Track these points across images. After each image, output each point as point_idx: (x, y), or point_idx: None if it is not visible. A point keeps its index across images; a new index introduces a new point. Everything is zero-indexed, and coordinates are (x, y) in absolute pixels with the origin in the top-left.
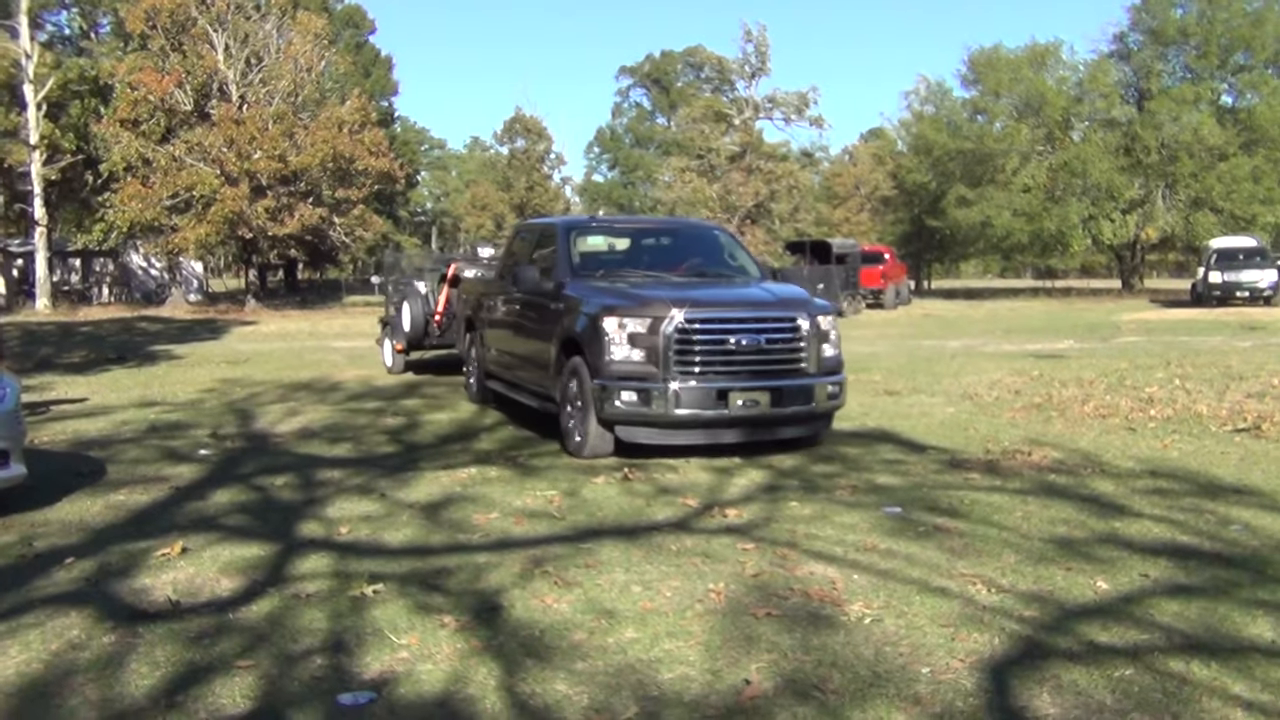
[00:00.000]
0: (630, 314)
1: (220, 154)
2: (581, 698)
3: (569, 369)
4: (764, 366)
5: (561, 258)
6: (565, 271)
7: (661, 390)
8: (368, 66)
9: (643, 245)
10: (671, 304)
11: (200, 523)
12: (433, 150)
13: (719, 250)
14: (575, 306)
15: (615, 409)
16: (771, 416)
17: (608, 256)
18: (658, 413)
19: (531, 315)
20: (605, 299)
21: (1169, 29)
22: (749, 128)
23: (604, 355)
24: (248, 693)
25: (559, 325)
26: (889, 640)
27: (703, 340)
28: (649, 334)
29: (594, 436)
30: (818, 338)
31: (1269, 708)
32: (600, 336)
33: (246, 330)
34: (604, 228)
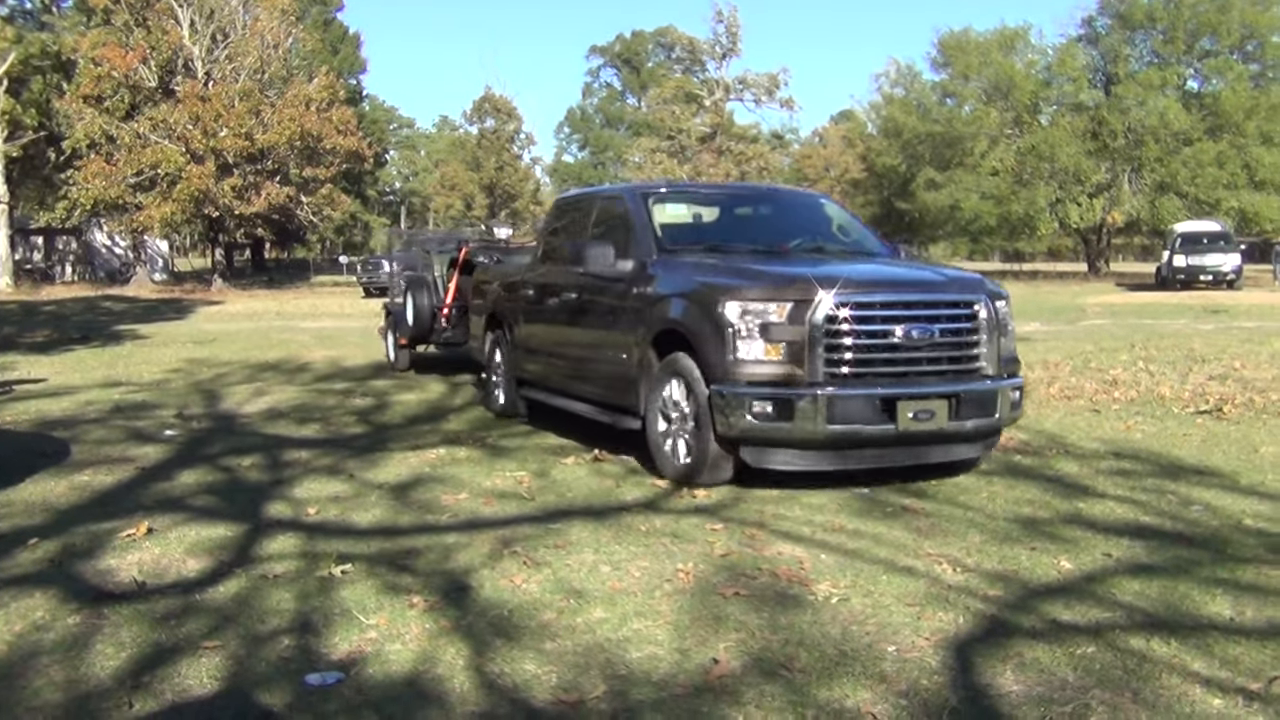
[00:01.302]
0: (762, 297)
1: (186, 131)
2: (550, 677)
3: (664, 371)
4: (938, 366)
5: (640, 231)
6: (648, 248)
7: (809, 399)
8: (335, 44)
9: (736, 216)
10: (818, 283)
11: (166, 503)
12: (401, 129)
13: (828, 222)
14: (673, 290)
15: (744, 424)
16: (949, 432)
17: (694, 230)
18: (803, 429)
19: (598, 305)
20: (722, 278)
21: (1137, 13)
22: (719, 109)
23: (727, 353)
24: (214, 673)
25: (646, 315)
26: (855, 619)
27: (863, 331)
28: (790, 324)
29: (710, 460)
30: (998, 329)
31: (1226, 684)
32: (720, 328)
33: (213, 310)
34: (687, 194)
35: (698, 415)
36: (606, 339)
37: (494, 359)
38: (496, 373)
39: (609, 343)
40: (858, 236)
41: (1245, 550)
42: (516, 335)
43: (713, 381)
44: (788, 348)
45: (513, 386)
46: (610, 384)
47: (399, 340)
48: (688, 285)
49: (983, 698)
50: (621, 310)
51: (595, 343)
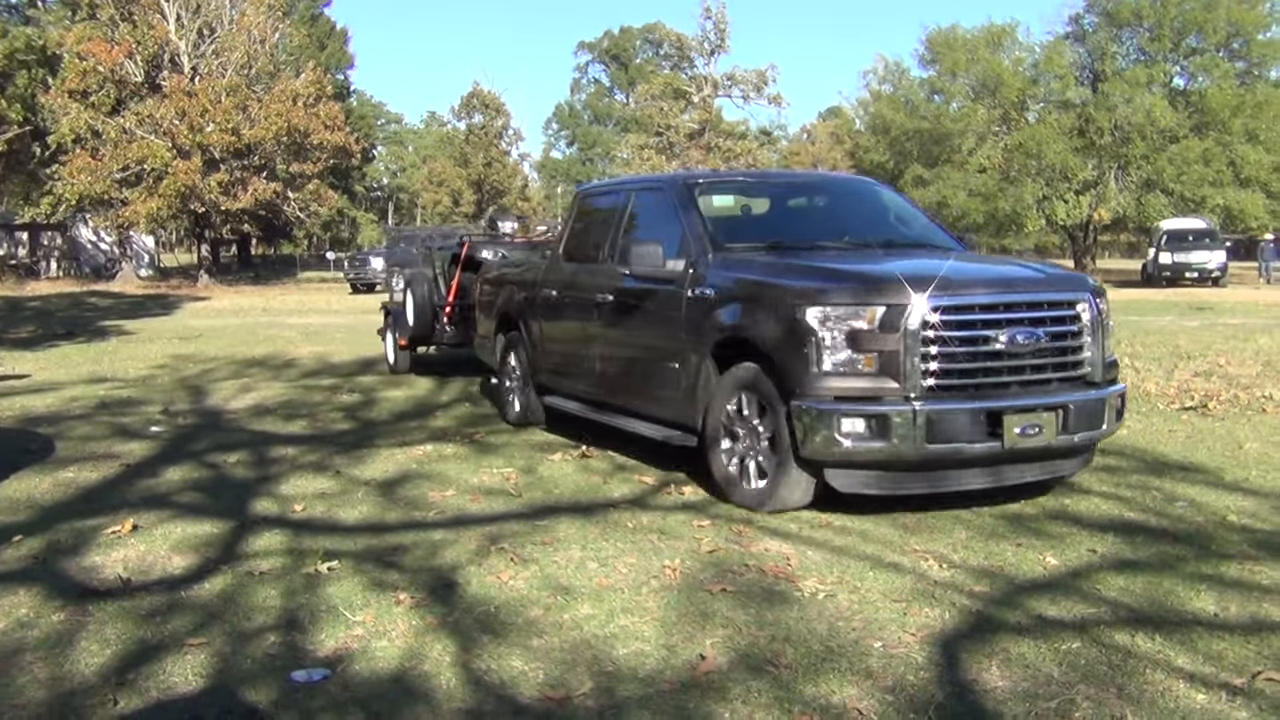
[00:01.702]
0: (849, 301)
1: (172, 126)
2: (537, 674)
3: (729, 384)
4: (1043, 375)
5: (691, 226)
6: (701, 245)
7: (907, 414)
8: (323, 39)
9: (790, 208)
10: (911, 284)
11: (152, 500)
12: (389, 125)
13: (888, 212)
14: (737, 294)
15: (833, 444)
16: (1057, 448)
17: (747, 224)
18: (899, 448)
19: (642, 309)
20: (799, 280)
21: (1124, 11)
22: (708, 105)
23: (810, 364)
24: (200, 670)
25: (705, 321)
26: (842, 615)
27: (963, 337)
28: (881, 330)
29: (790, 483)
30: (1102, 331)
31: (1210, 679)
32: (800, 336)
33: (199, 306)
34: (736, 184)
35: (774, 434)
36: (654, 346)
37: (507, 363)
38: (511, 378)
39: (657, 351)
40: (921, 228)
41: (1230, 546)
42: (536, 339)
43: (793, 396)
44: (880, 357)
45: (531, 393)
46: (659, 396)
47: (399, 341)
48: (755, 288)
49: (968, 693)
50: (672, 315)
51: (639, 351)
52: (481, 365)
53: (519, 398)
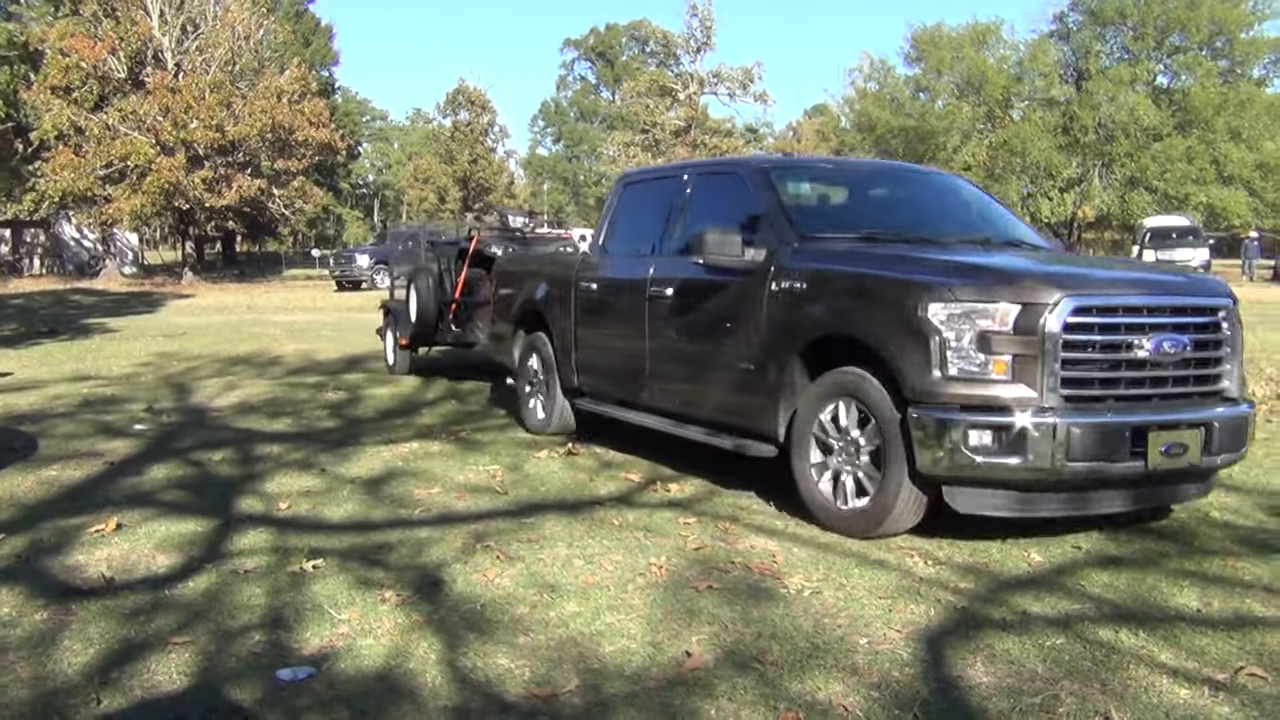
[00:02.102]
0: (980, 298)
1: (155, 123)
2: (523, 671)
3: (824, 388)
4: (1186, 388)
5: (772, 213)
6: (784, 234)
7: (1046, 428)
8: (307, 35)
9: (871, 197)
10: (1050, 281)
11: (135, 498)
12: (374, 121)
13: (970, 206)
14: (836, 287)
15: (958, 459)
16: (1199, 470)
17: (829, 213)
18: (1036, 466)
19: (711, 304)
20: (918, 272)
21: (1108, 9)
22: (693, 103)
23: (931, 367)
24: (184, 669)
25: (793, 318)
26: (828, 612)
27: (1106, 343)
28: (1016, 332)
29: (899, 503)
30: (1240, 340)
31: (1193, 674)
32: (921, 336)
33: (183, 303)
34: (813, 171)
35: (881, 446)
36: (724, 346)
37: (528, 365)
38: (533, 381)
39: (729, 350)
40: (1011, 223)
41: (1212, 543)
42: (569, 338)
43: (910, 404)
44: (1013, 362)
45: (559, 397)
46: (729, 401)
47: (399, 341)
48: (861, 281)
49: (953, 689)
50: (749, 311)
51: (706, 350)
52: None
53: (543, 402)
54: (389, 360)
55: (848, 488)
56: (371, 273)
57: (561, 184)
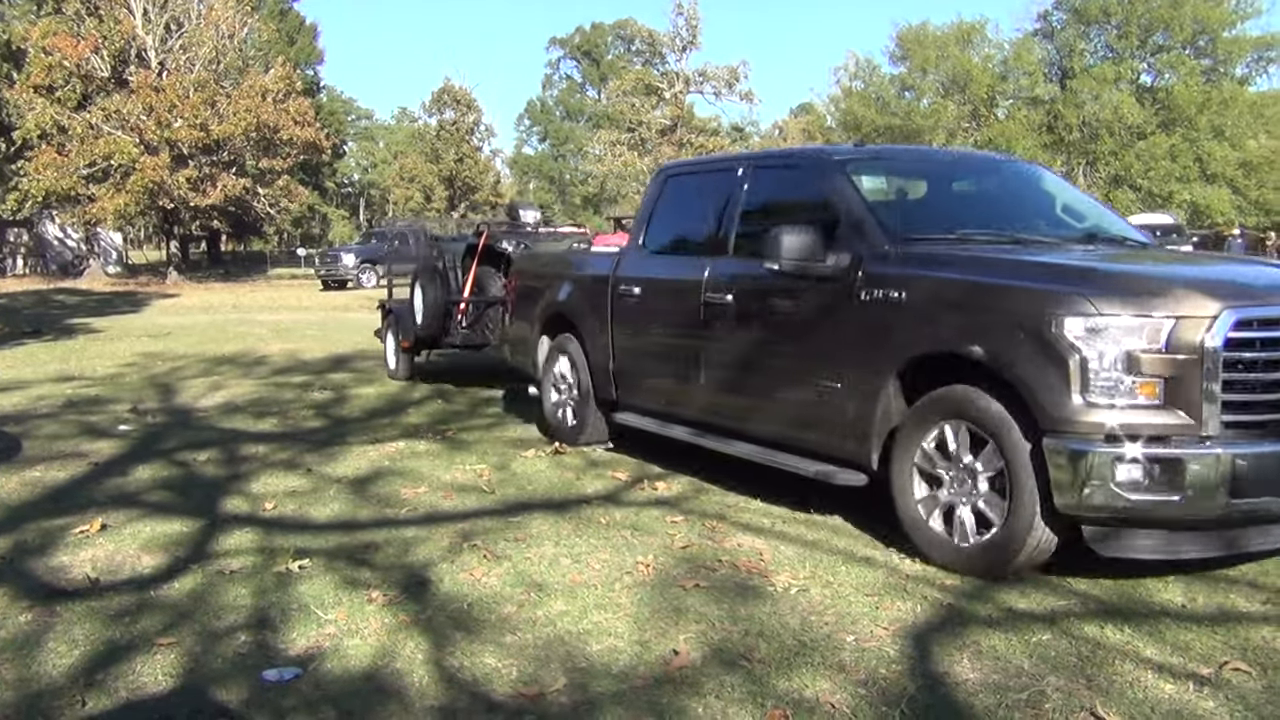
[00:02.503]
0: (1125, 309)
1: (139, 122)
2: (510, 670)
3: (933, 412)
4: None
5: (854, 211)
6: (873, 235)
7: (1206, 461)
8: (292, 34)
9: (956, 192)
10: (1206, 290)
11: (120, 499)
12: (360, 120)
13: (1056, 199)
14: (949, 296)
15: (1105, 496)
16: None
17: (912, 209)
18: (1196, 503)
19: (787, 312)
20: (1048, 281)
21: (1091, 8)
22: (679, 101)
23: (1069, 391)
24: (170, 670)
25: (890, 331)
26: (814, 610)
27: (1273, 361)
28: (1169, 350)
29: (1031, 540)
30: None
31: (1178, 670)
32: (1056, 353)
33: (168, 303)
34: (888, 162)
35: (1006, 477)
36: (802, 360)
37: (553, 371)
38: (560, 389)
39: (808, 365)
40: (1104, 218)
41: None
42: (605, 344)
43: (1045, 431)
44: (1166, 385)
45: (592, 408)
46: (809, 422)
47: (401, 343)
48: (977, 291)
49: (940, 686)
50: (833, 321)
51: (779, 364)
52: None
53: (574, 413)
54: (390, 364)
55: (964, 522)
56: (357, 272)
57: (548, 183)
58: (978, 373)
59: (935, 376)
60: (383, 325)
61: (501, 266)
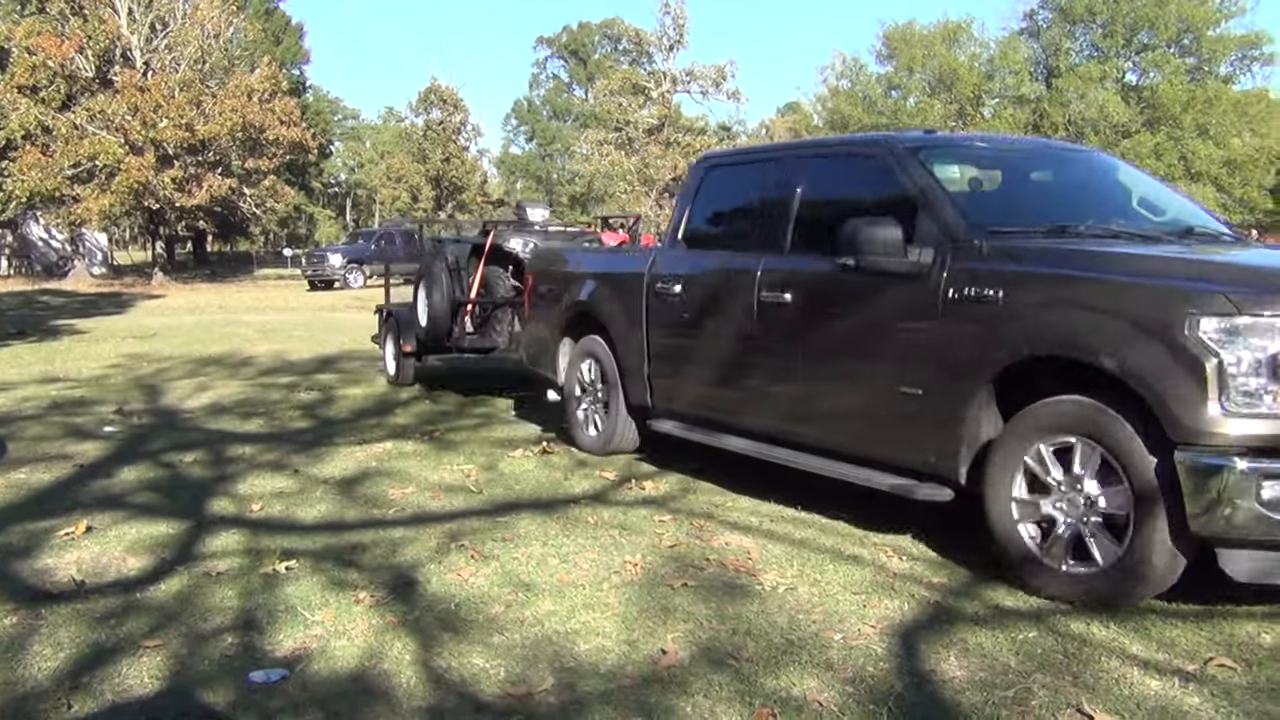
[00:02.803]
0: (1266, 305)
1: (124, 122)
2: (498, 670)
3: (1036, 423)
4: None
5: (935, 202)
6: (957, 227)
7: None
8: (278, 34)
9: (1037, 183)
10: None
11: (106, 501)
12: (346, 120)
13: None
14: (1057, 295)
15: (1241, 515)
16: None
17: (993, 200)
18: None
19: (858, 312)
20: (1172, 277)
21: (1077, 7)
22: (667, 101)
23: (1206, 398)
24: (156, 673)
25: (984, 333)
26: (802, 608)
27: None
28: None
29: (1160, 562)
30: None
31: (1164, 666)
32: (1190, 356)
33: (154, 304)
34: (963, 150)
35: (1131, 497)
36: (874, 364)
37: (578, 375)
38: (585, 394)
39: (881, 370)
40: (1191, 210)
41: None
42: (639, 348)
43: (1177, 444)
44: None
45: (623, 414)
46: (885, 432)
47: (403, 347)
48: (1090, 288)
49: (927, 683)
50: (913, 323)
51: (846, 369)
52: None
53: (601, 418)
54: (390, 370)
55: (1076, 545)
56: (344, 272)
57: (535, 182)
58: (1092, 380)
59: (1038, 383)
60: (381, 330)
61: (509, 267)
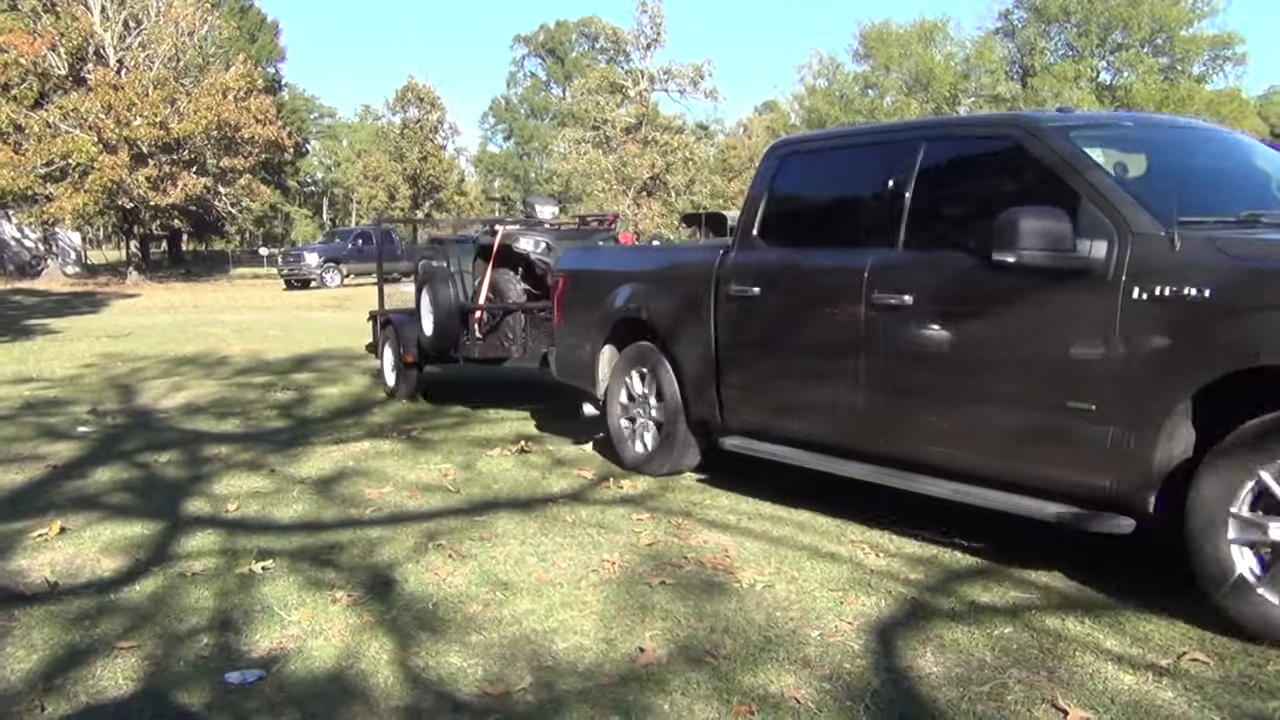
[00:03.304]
0: None
1: (98, 120)
2: (476, 670)
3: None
4: None
5: (1098, 188)
6: (1134, 217)
7: None
8: (253, 31)
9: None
10: None
11: (80, 502)
12: (322, 119)
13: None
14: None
15: None
16: None
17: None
18: None
19: (1009, 316)
20: None
21: (1052, 7)
22: (644, 99)
23: None
24: (130, 674)
25: (1181, 340)
26: (780, 605)
27: None
28: None
29: None
30: None
31: (1138, 660)
32: None
33: (128, 303)
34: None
35: None
36: (1033, 376)
37: (624, 388)
38: (640, 408)
39: (1046, 383)
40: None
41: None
42: (705, 357)
43: None
44: None
45: (682, 432)
46: (1043, 453)
47: (404, 357)
48: None
49: (903, 679)
50: (1084, 328)
51: (995, 381)
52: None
53: (650, 434)
54: (389, 382)
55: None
56: (321, 271)
57: (513, 181)
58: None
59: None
60: (377, 337)
61: (519, 268)
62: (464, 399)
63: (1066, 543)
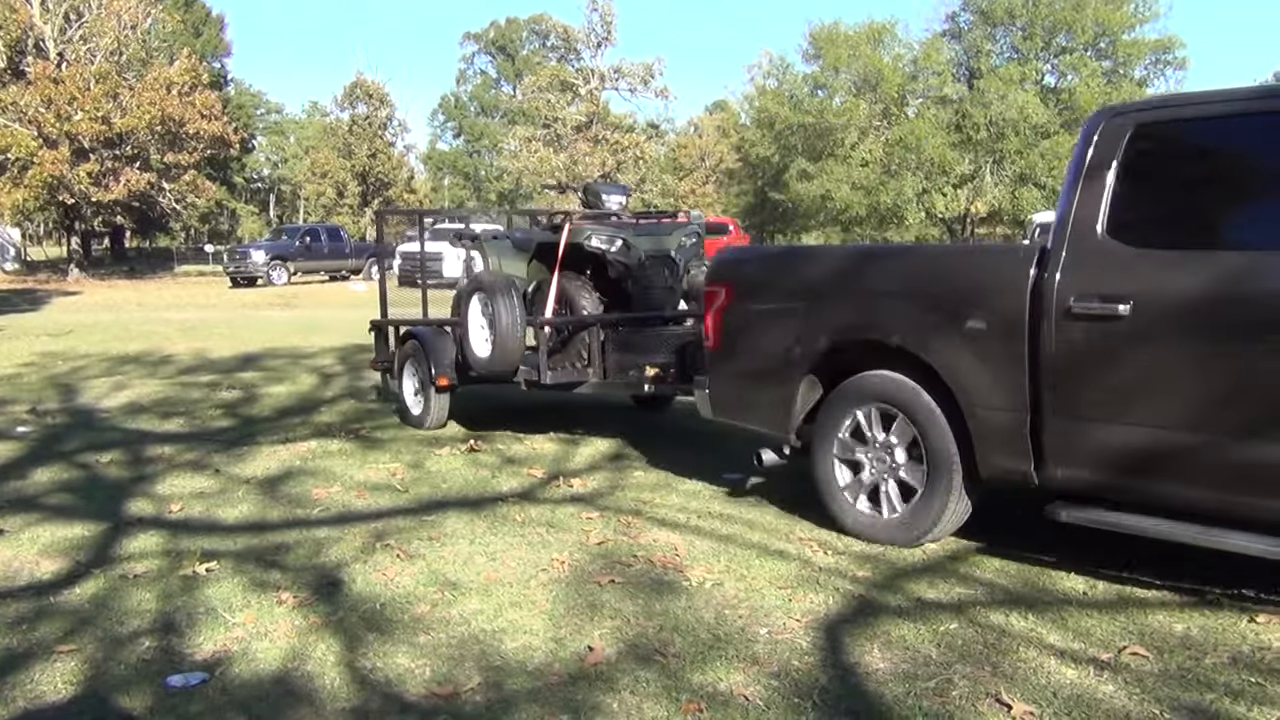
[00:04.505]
0: None
1: (38, 114)
2: (424, 670)
3: None
4: None
5: None
6: None
7: None
8: (198, 25)
9: None
10: None
11: (18, 503)
12: (269, 115)
13: None
14: None
15: None
16: None
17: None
18: None
19: None
20: None
21: (997, 10)
22: (595, 98)
23: None
24: (70, 678)
25: None
26: (729, 603)
27: None
28: None
29: None
30: None
31: (1079, 655)
32: None
33: (69, 301)
34: None
35: None
36: None
37: (839, 432)
38: (880, 459)
39: None
40: None
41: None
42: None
43: None
44: None
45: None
46: None
47: (436, 380)
48: None
49: (851, 676)
50: None
51: None
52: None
53: (893, 492)
54: (413, 411)
55: None
56: (267, 269)
57: (463, 179)
58: None
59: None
60: (389, 355)
61: (587, 271)
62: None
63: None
